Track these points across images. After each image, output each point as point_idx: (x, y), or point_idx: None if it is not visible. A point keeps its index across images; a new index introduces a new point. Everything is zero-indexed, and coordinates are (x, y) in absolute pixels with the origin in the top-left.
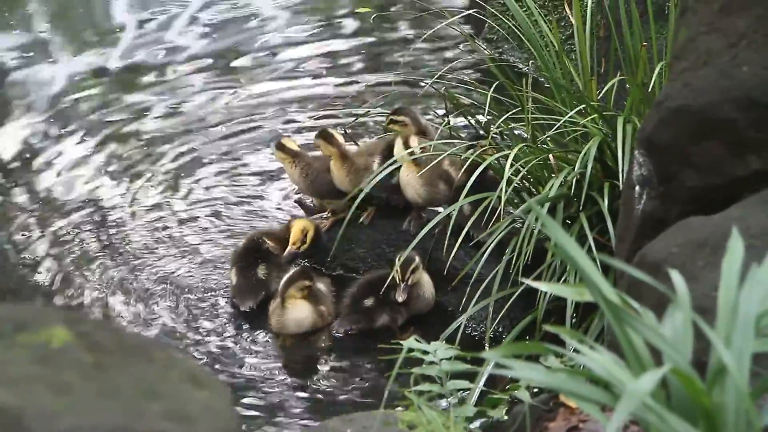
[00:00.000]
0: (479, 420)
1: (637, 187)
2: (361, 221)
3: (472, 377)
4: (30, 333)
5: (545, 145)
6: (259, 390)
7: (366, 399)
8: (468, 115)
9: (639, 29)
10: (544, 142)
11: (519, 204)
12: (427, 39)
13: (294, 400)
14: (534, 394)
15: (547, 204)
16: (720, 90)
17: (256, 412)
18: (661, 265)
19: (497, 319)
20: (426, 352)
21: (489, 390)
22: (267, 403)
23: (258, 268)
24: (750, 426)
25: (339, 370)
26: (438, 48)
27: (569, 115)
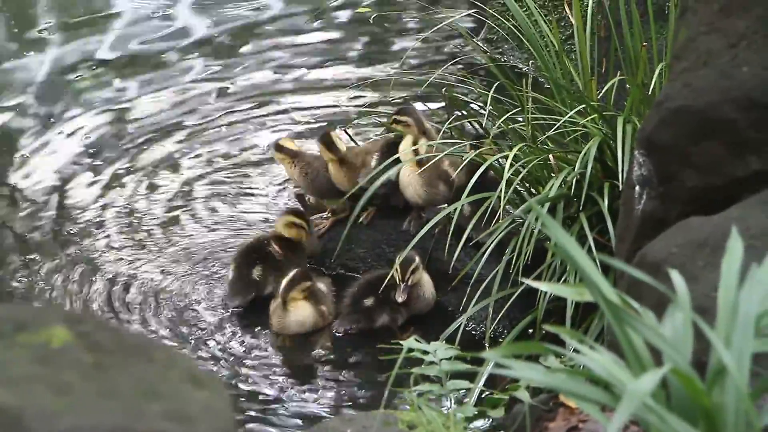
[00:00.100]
0: (479, 420)
1: (637, 187)
2: (361, 221)
3: (472, 377)
4: (30, 333)
5: (545, 146)
6: (259, 390)
7: (366, 399)
8: (468, 116)
9: (639, 29)
10: (544, 142)
11: (519, 204)
12: (427, 39)
13: (294, 400)
14: (534, 394)
15: (547, 204)
16: (720, 90)
17: (256, 412)
18: (661, 265)
19: (497, 319)
20: (426, 352)
21: (489, 390)
22: (267, 403)
23: (254, 268)
24: (750, 426)
25: (339, 370)
26: (438, 47)
27: (569, 115)
